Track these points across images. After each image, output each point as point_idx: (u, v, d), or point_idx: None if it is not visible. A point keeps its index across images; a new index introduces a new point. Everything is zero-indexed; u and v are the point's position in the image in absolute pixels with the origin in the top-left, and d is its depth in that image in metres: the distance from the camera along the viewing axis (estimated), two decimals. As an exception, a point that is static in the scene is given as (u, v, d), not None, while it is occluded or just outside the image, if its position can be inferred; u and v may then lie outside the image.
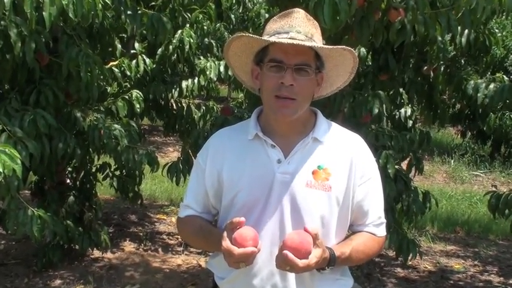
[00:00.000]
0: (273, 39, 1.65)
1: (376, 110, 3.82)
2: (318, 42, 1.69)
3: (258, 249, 1.59)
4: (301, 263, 1.57)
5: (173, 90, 5.31)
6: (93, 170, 4.90)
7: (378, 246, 1.85)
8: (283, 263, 1.58)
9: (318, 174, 1.73)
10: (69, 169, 4.75)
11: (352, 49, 1.73)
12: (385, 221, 1.86)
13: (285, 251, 1.56)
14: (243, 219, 1.61)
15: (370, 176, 1.80)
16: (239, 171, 1.76)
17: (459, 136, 11.32)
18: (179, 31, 5.04)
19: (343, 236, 1.82)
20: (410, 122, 4.36)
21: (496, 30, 6.32)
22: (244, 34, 1.70)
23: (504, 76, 4.56)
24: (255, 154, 1.76)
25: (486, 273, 5.17)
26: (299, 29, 1.66)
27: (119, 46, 4.89)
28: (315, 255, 1.61)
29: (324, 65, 1.74)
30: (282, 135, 1.76)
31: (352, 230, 1.86)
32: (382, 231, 1.85)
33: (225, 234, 1.62)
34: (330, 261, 1.68)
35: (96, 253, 4.92)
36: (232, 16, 7.03)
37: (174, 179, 4.47)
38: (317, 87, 1.76)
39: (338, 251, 1.72)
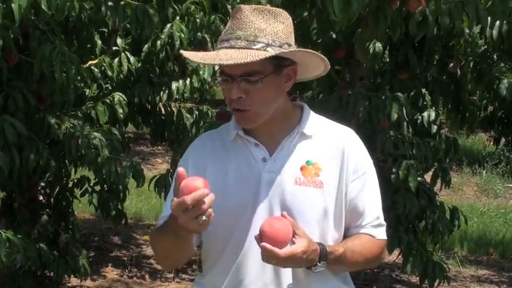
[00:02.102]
0: (209, 56, 1.74)
1: (395, 115, 3.83)
2: (266, 40, 1.69)
3: (207, 191, 1.57)
4: (282, 252, 1.62)
5: (161, 92, 5.32)
6: (70, 185, 4.90)
7: (378, 250, 1.89)
8: (265, 256, 1.65)
9: (307, 170, 1.80)
10: (42, 184, 4.74)
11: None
12: (384, 223, 1.91)
13: (262, 243, 1.63)
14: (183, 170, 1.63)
15: (364, 170, 1.86)
16: (223, 174, 1.82)
17: (492, 143, 11.30)
18: (168, 25, 5.06)
19: (340, 239, 1.88)
20: (434, 128, 4.37)
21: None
22: (186, 53, 1.78)
23: (543, 74, 4.57)
24: (238, 155, 1.84)
25: (524, 302, 5.17)
26: (239, 33, 1.70)
27: (99, 42, 4.91)
28: (301, 244, 1.66)
29: (291, 58, 1.78)
30: (265, 133, 1.83)
31: (349, 234, 1.90)
32: (381, 234, 1.90)
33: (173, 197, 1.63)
34: (321, 256, 1.73)
35: (74, 281, 4.91)
36: (229, 7, 7.04)
37: (163, 194, 4.47)
38: (288, 82, 1.80)
39: (330, 247, 1.77)
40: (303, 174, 1.79)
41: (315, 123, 1.87)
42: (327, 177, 1.80)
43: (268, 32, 1.71)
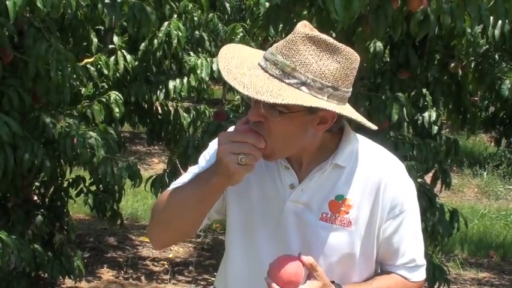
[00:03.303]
0: (238, 72, 1.55)
1: (396, 116, 3.82)
2: (304, 77, 1.50)
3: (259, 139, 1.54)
4: None
5: (158, 91, 5.32)
6: (65, 185, 4.90)
7: None
8: None
9: (336, 206, 1.67)
10: (37, 184, 4.74)
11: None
12: (424, 263, 1.79)
13: (268, 281, 1.57)
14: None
15: (403, 209, 1.69)
16: (246, 190, 1.74)
17: (493, 144, 11.31)
18: (165, 23, 5.06)
19: (370, 276, 1.78)
20: (435, 128, 4.37)
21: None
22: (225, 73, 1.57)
23: (545, 74, 4.58)
24: (265, 174, 1.72)
25: (525, 305, 5.17)
26: (279, 58, 1.51)
27: (95, 40, 4.91)
28: (310, 286, 1.58)
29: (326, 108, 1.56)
30: (297, 158, 1.70)
31: (381, 270, 1.80)
32: (417, 276, 1.78)
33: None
34: None
35: (69, 282, 4.90)
36: (227, 5, 7.05)
37: (159, 195, 4.46)
38: (320, 125, 1.60)
39: (352, 285, 1.69)
40: (330, 210, 1.67)
41: (353, 151, 1.70)
42: (357, 216, 1.67)
43: (313, 69, 1.51)
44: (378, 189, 1.66)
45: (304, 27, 1.54)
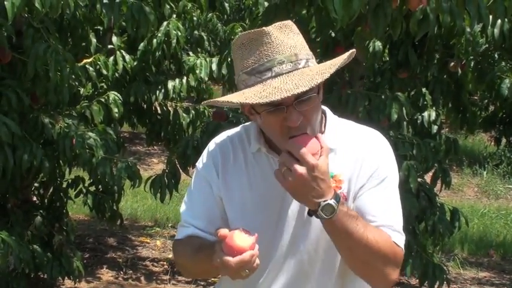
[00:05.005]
0: (257, 92, 1.59)
1: (395, 115, 3.83)
2: (302, 55, 1.64)
3: (255, 253, 1.57)
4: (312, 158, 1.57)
5: (157, 91, 5.32)
6: (64, 185, 4.89)
7: (391, 252, 1.70)
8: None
9: None
10: (36, 184, 4.74)
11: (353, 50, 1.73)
12: (403, 234, 1.76)
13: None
14: (224, 233, 1.59)
15: (381, 176, 1.74)
16: (242, 189, 1.78)
17: (493, 143, 11.30)
18: (164, 23, 5.06)
19: None
20: (434, 128, 4.37)
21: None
22: (221, 101, 1.67)
23: (545, 73, 4.58)
24: (260, 172, 1.77)
25: (525, 304, 5.17)
26: (280, 57, 1.61)
27: (94, 40, 4.90)
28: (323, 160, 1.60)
29: None
30: None
31: None
32: (398, 238, 1.73)
33: (217, 246, 1.60)
34: (334, 196, 1.60)
35: (68, 283, 4.90)
36: (227, 5, 7.04)
37: (159, 195, 4.46)
38: (321, 91, 1.72)
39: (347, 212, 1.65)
40: None
41: (338, 132, 1.79)
42: (349, 189, 1.73)
43: (300, 46, 1.66)
44: (362, 162, 1.74)
45: (267, 27, 1.65)
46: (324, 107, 1.82)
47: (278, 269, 1.74)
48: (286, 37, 1.65)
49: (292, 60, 1.61)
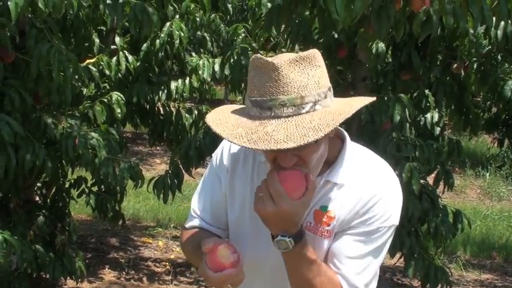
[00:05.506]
0: (248, 130, 1.52)
1: (398, 116, 3.83)
2: (312, 97, 1.52)
3: (236, 272, 1.58)
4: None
5: (160, 92, 5.31)
6: (67, 185, 4.90)
7: None
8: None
9: (319, 216, 1.70)
10: (39, 184, 4.74)
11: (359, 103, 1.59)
12: None
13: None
14: (210, 247, 1.60)
15: (373, 225, 1.68)
16: (246, 195, 1.79)
17: (496, 145, 11.29)
18: (167, 23, 5.06)
19: None
20: (437, 129, 4.36)
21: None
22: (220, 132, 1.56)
23: (548, 75, 4.57)
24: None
25: (528, 307, 5.16)
26: (283, 98, 1.50)
27: (97, 41, 4.90)
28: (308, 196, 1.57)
29: None
30: None
31: None
32: None
33: (203, 258, 1.62)
34: (297, 233, 1.59)
35: (70, 283, 4.90)
36: (229, 6, 7.04)
37: (161, 196, 4.46)
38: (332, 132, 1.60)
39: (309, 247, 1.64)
40: (314, 219, 1.70)
41: (350, 166, 1.71)
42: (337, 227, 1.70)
43: (312, 86, 1.52)
44: (363, 205, 1.67)
45: (277, 59, 1.52)
46: (343, 133, 1.76)
47: (266, 276, 1.76)
48: (298, 74, 1.52)
49: (295, 104, 1.50)
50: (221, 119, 1.59)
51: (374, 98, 1.66)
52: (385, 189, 1.70)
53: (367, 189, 1.68)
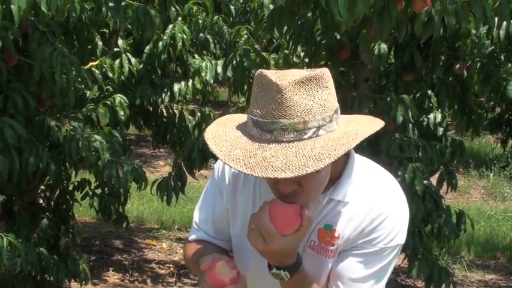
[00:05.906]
0: (246, 153, 1.45)
1: (401, 117, 3.82)
2: (316, 122, 1.44)
3: (237, 286, 1.57)
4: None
5: (163, 94, 5.32)
6: (70, 188, 4.90)
7: None
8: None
9: (323, 235, 1.67)
10: (42, 187, 4.75)
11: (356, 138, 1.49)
12: None
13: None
14: (208, 265, 1.58)
15: (379, 247, 1.65)
16: (246, 210, 1.74)
17: (499, 145, 11.27)
18: (170, 26, 5.07)
19: None
20: (440, 130, 4.36)
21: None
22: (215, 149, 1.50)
23: (551, 75, 4.56)
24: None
25: (532, 307, 5.15)
26: (284, 122, 1.43)
27: (100, 43, 4.92)
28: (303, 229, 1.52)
29: None
30: None
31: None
32: None
33: (204, 275, 1.60)
34: (292, 265, 1.57)
35: (74, 285, 4.91)
36: (232, 7, 7.06)
37: (165, 198, 4.47)
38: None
39: (309, 276, 1.63)
40: (318, 238, 1.67)
41: (355, 184, 1.66)
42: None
43: (316, 110, 1.44)
44: (367, 223, 1.64)
45: (282, 80, 1.44)
46: (350, 153, 1.70)
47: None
48: (303, 96, 1.44)
49: (297, 129, 1.43)
50: (220, 135, 1.53)
51: (383, 123, 1.61)
52: (392, 207, 1.66)
53: (373, 207, 1.64)
